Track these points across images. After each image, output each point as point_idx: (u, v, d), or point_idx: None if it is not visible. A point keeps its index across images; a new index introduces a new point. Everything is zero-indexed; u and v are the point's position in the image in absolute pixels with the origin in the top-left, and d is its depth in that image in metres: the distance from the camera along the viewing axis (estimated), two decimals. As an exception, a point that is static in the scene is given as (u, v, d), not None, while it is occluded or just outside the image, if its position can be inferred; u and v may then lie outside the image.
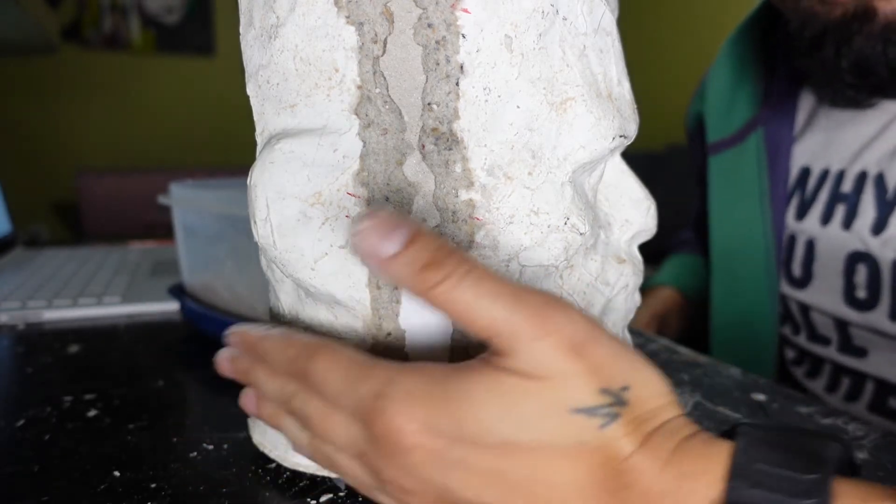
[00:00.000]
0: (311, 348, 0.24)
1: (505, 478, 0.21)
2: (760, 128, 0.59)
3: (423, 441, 0.21)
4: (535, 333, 0.21)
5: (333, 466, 0.25)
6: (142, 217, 1.66)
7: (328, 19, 0.25)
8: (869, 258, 0.50)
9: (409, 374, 0.22)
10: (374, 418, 0.22)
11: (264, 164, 0.26)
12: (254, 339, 0.27)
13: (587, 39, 0.26)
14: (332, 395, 0.23)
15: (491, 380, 0.21)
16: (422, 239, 0.21)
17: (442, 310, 0.21)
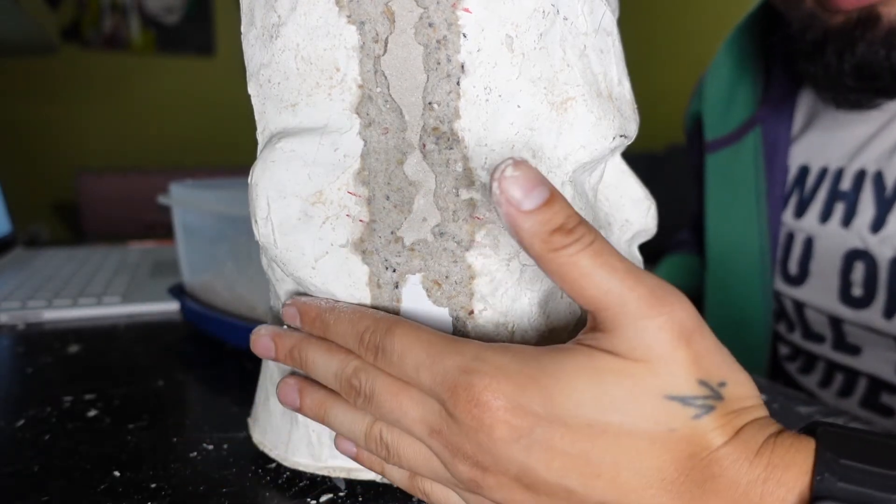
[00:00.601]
0: (388, 321, 0.24)
1: (588, 460, 0.21)
2: (758, 126, 0.59)
3: (509, 417, 0.21)
4: (646, 312, 0.21)
5: (395, 452, 0.25)
6: (142, 217, 1.66)
7: (329, 18, 0.25)
8: (867, 256, 0.50)
9: (499, 352, 0.22)
10: (459, 392, 0.21)
11: (265, 163, 0.26)
12: (319, 310, 0.26)
13: (588, 39, 0.26)
14: (411, 369, 0.23)
15: (586, 359, 0.21)
16: (558, 202, 0.21)
17: (557, 274, 0.21)
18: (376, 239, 0.26)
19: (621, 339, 0.21)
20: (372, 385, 0.24)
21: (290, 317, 0.27)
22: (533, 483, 0.21)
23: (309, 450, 0.29)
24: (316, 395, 0.27)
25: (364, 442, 0.26)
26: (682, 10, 2.47)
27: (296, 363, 0.27)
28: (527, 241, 0.21)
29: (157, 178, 1.80)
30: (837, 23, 0.45)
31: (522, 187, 0.20)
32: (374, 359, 0.24)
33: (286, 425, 0.30)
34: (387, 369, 0.24)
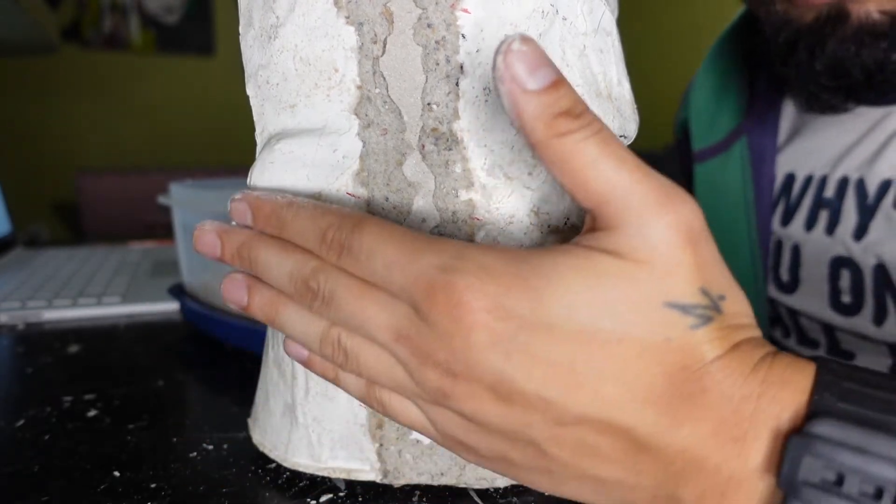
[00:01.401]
0: (355, 217, 0.22)
1: (572, 370, 0.19)
2: (744, 136, 0.59)
3: (490, 320, 0.19)
4: (654, 209, 0.19)
5: (353, 359, 0.23)
6: (142, 217, 1.66)
7: (328, 19, 0.25)
8: (852, 263, 0.50)
9: (484, 250, 0.20)
10: (437, 293, 0.20)
11: (264, 164, 0.26)
12: (274, 206, 0.24)
13: (587, 39, 0.26)
14: (381, 268, 0.21)
15: (582, 260, 0.20)
16: (564, 86, 0.19)
17: (558, 163, 0.19)
18: (375, 239, 0.26)
19: (625, 238, 0.19)
20: (333, 287, 0.22)
21: (239, 213, 0.25)
22: (508, 393, 0.20)
23: (309, 450, 0.29)
24: (266, 292, 0.24)
25: (319, 347, 0.24)
26: (681, 10, 2.47)
27: (244, 263, 0.24)
28: (528, 124, 0.19)
29: (157, 178, 1.80)
30: (808, 21, 0.45)
31: (529, 64, 0.19)
32: (338, 258, 0.22)
33: (286, 426, 0.30)
34: (351, 269, 0.22)
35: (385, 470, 0.29)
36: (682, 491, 0.20)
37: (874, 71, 0.44)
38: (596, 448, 0.20)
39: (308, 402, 0.29)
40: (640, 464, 0.20)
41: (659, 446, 0.20)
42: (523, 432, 0.21)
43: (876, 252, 0.48)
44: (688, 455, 0.20)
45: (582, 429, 0.20)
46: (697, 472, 0.20)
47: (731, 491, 0.20)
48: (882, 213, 0.48)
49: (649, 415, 0.19)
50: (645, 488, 0.21)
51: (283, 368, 0.30)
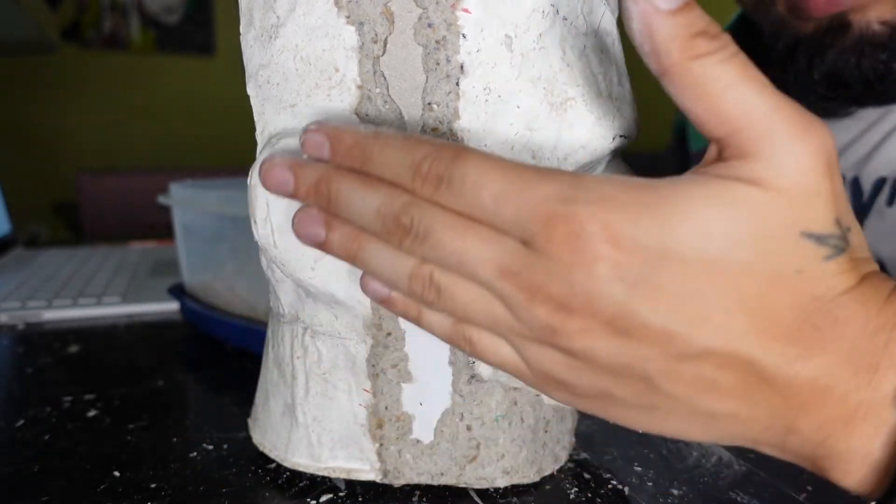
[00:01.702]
0: (453, 148, 0.20)
1: (702, 302, 0.19)
2: None
3: (614, 252, 0.18)
4: (799, 134, 0.18)
5: (448, 296, 0.22)
6: (142, 217, 1.66)
7: (328, 19, 0.25)
8: None
9: (604, 181, 0.19)
10: (556, 223, 0.19)
11: (264, 164, 0.26)
12: (357, 137, 0.22)
13: (587, 39, 0.26)
14: (489, 200, 0.20)
15: (715, 187, 0.19)
16: (698, 8, 0.18)
17: (694, 87, 0.19)
18: (376, 239, 0.26)
19: (767, 164, 0.18)
20: (429, 223, 0.20)
21: (315, 145, 0.22)
22: (629, 328, 0.19)
23: (308, 450, 0.29)
24: (347, 227, 0.22)
25: (407, 284, 0.22)
26: (682, 9, 2.47)
27: (321, 199, 0.22)
28: (662, 46, 0.18)
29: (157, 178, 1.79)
30: (808, 30, 0.45)
31: None
32: (434, 191, 0.20)
33: (286, 426, 0.30)
34: (450, 203, 0.20)
35: (385, 470, 0.29)
36: (802, 421, 0.20)
37: (874, 81, 0.44)
38: (713, 382, 0.20)
39: (308, 402, 0.29)
40: (759, 396, 0.20)
41: (784, 378, 0.19)
42: (637, 367, 0.20)
43: (871, 250, 0.48)
44: (815, 385, 0.19)
45: (703, 362, 0.19)
46: (822, 402, 0.19)
47: (858, 420, 0.19)
48: (876, 211, 0.48)
49: (776, 346, 0.19)
50: (758, 420, 0.20)
51: (283, 368, 0.30)
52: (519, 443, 0.28)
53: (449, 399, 0.28)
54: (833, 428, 0.20)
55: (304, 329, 0.29)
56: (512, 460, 0.28)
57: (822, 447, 0.20)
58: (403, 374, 0.28)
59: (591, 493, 0.29)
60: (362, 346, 0.27)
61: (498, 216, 0.20)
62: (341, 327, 0.27)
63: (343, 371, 0.28)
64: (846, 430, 0.20)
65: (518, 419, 0.28)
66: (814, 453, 0.20)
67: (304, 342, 0.29)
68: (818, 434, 0.20)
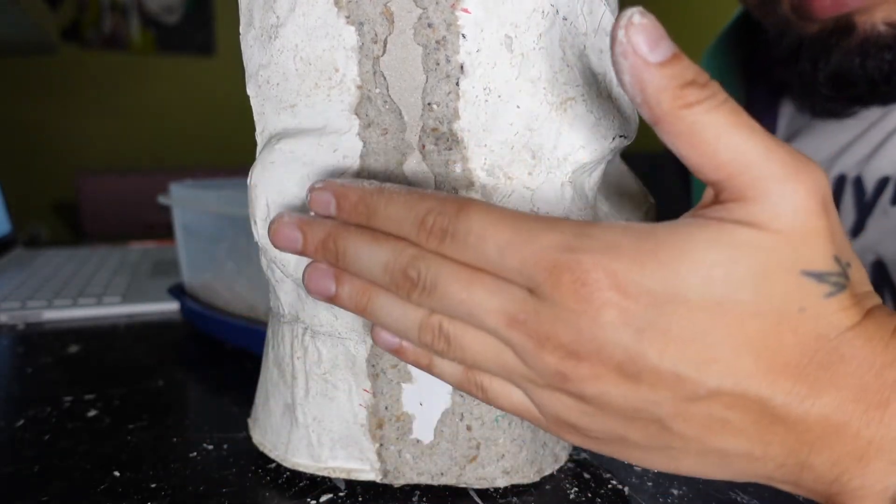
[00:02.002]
0: (457, 201, 0.21)
1: (708, 344, 0.19)
2: None
3: (620, 298, 0.19)
4: (792, 176, 0.19)
5: (457, 346, 0.22)
6: (142, 217, 1.66)
7: (328, 19, 0.25)
8: None
9: (606, 228, 0.20)
10: (561, 272, 0.19)
11: (264, 164, 0.26)
12: (362, 193, 0.22)
13: (587, 39, 0.26)
14: (493, 251, 0.20)
15: (714, 230, 0.19)
16: (685, 58, 0.19)
17: (686, 135, 0.19)
18: (376, 239, 0.26)
19: (763, 206, 0.19)
20: (435, 274, 0.21)
21: (321, 203, 0.23)
22: (638, 372, 0.19)
23: (309, 450, 0.29)
24: (357, 281, 0.23)
25: (417, 335, 0.22)
26: (681, 9, 2.47)
27: (329, 255, 0.23)
28: (653, 98, 0.19)
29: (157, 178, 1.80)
30: (812, 31, 0.45)
31: (650, 37, 0.19)
32: (440, 244, 0.21)
33: (286, 426, 0.30)
34: (456, 256, 0.21)
35: (385, 470, 0.29)
36: (815, 458, 0.20)
37: (879, 82, 0.44)
38: (725, 422, 0.20)
39: (308, 401, 0.29)
40: (771, 435, 0.20)
41: (795, 416, 0.19)
42: (648, 411, 0.20)
43: (874, 249, 0.48)
44: (827, 422, 0.19)
45: (713, 403, 0.20)
46: (835, 439, 0.20)
47: (871, 456, 0.19)
48: (879, 210, 0.48)
49: (786, 385, 0.19)
50: (773, 458, 0.20)
51: (283, 368, 0.30)
52: (519, 443, 0.29)
53: (449, 399, 0.28)
54: (847, 464, 0.20)
55: (304, 329, 0.29)
56: (512, 460, 0.28)
57: (836, 484, 0.20)
58: (403, 374, 0.28)
59: (591, 493, 0.29)
60: (362, 346, 0.28)
61: (503, 266, 0.20)
62: (341, 327, 0.28)
63: (343, 371, 0.28)
64: (860, 466, 0.20)
65: (518, 419, 0.28)
66: (828, 490, 0.20)
67: (304, 342, 0.29)
68: (832, 471, 0.20)
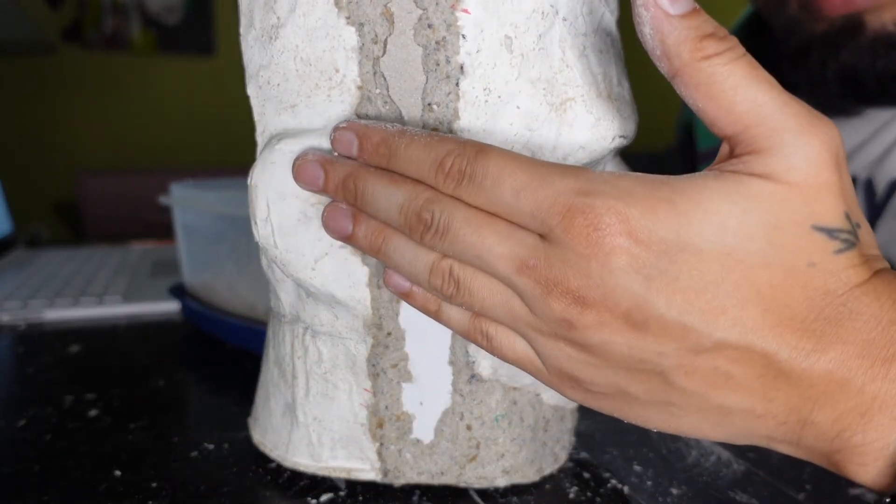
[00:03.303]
0: (476, 145, 0.21)
1: (716, 295, 0.19)
2: None
3: (631, 244, 0.19)
4: (807, 129, 0.19)
5: (466, 290, 0.22)
6: (142, 217, 1.66)
7: (328, 20, 0.25)
8: None
9: (622, 176, 0.20)
10: (575, 215, 0.19)
11: (265, 164, 0.26)
12: (385, 135, 0.23)
13: (587, 40, 0.26)
14: (509, 194, 0.20)
15: (729, 182, 0.19)
16: (704, 13, 0.19)
17: (704, 86, 0.19)
18: (376, 239, 0.26)
19: (777, 158, 0.19)
20: (448, 218, 0.21)
21: (344, 143, 0.24)
22: (645, 320, 0.19)
23: (309, 450, 0.29)
24: (373, 222, 0.23)
25: (427, 278, 0.23)
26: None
27: (349, 195, 0.23)
28: (673, 49, 0.19)
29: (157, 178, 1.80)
30: (821, 29, 0.45)
31: None
32: (456, 186, 0.21)
33: (286, 425, 0.30)
34: (470, 199, 0.21)
35: (385, 469, 0.29)
36: (818, 414, 0.20)
37: (888, 81, 0.44)
38: (728, 376, 0.20)
39: (308, 401, 0.29)
40: (775, 390, 0.20)
41: (799, 370, 0.19)
42: (652, 362, 0.20)
43: (884, 251, 0.48)
44: (831, 377, 0.19)
45: (718, 356, 0.20)
46: (838, 394, 0.20)
47: (874, 411, 0.19)
48: (890, 213, 0.48)
49: (791, 339, 0.19)
50: (774, 415, 0.20)
51: (283, 368, 0.30)
52: (519, 442, 0.29)
53: (449, 398, 0.28)
54: (849, 420, 0.20)
55: (305, 329, 0.29)
56: (512, 460, 0.28)
57: (838, 440, 0.20)
58: (403, 374, 0.28)
59: (590, 493, 0.29)
60: (362, 346, 0.28)
61: (517, 210, 0.20)
62: (341, 327, 0.28)
63: (343, 371, 0.28)
64: (862, 421, 0.20)
65: (518, 419, 0.28)
66: (830, 447, 0.20)
67: (304, 342, 0.29)
68: (834, 427, 0.20)
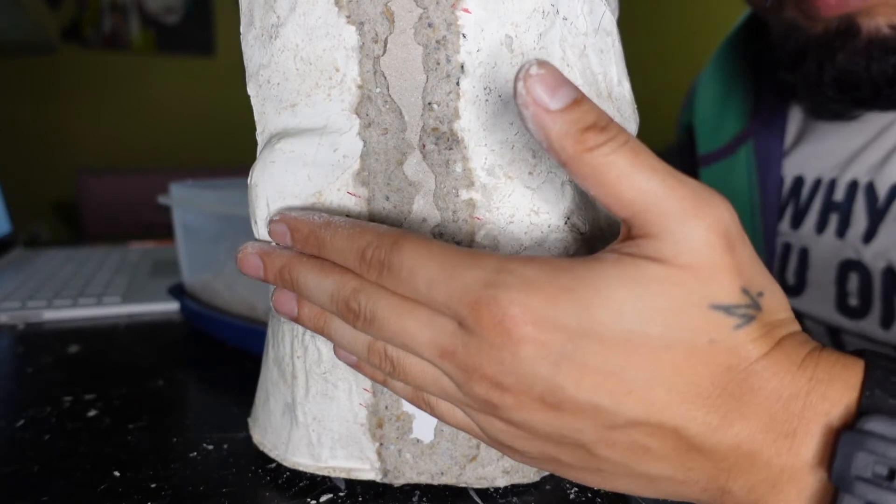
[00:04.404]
0: (393, 235, 0.22)
1: (622, 377, 0.20)
2: (750, 140, 0.59)
3: (537, 333, 0.20)
4: (693, 212, 0.20)
5: (400, 369, 0.23)
6: (142, 217, 1.66)
7: (329, 19, 0.25)
8: (861, 267, 0.50)
9: (525, 262, 0.20)
10: (482, 308, 0.20)
11: (265, 164, 0.26)
12: (312, 226, 0.24)
13: (587, 39, 0.26)
14: (423, 285, 0.21)
15: (626, 267, 0.20)
16: (586, 102, 0.20)
17: (591, 177, 0.20)
18: (376, 239, 0.26)
19: (667, 243, 0.20)
20: (373, 307, 0.22)
21: (279, 234, 0.25)
22: (559, 402, 0.20)
23: (309, 450, 0.29)
24: (314, 306, 0.25)
25: (366, 357, 0.24)
26: (681, 10, 2.47)
27: (286, 284, 0.25)
28: (557, 143, 0.20)
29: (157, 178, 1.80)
30: (817, 32, 0.45)
31: (548, 86, 0.19)
32: (378, 276, 0.22)
33: (286, 425, 0.30)
34: (392, 287, 0.22)
35: (385, 469, 0.29)
36: (733, 484, 0.21)
37: (883, 85, 0.44)
38: (646, 448, 0.21)
39: (308, 401, 0.29)
40: (691, 461, 0.21)
41: (709, 444, 0.20)
42: (573, 437, 0.21)
43: (886, 256, 0.48)
44: (740, 451, 0.20)
45: (633, 431, 0.20)
46: (749, 467, 0.20)
47: (783, 483, 0.20)
48: (892, 217, 0.48)
49: (698, 415, 0.20)
50: (696, 482, 0.21)
51: (283, 368, 0.30)
52: (519, 443, 0.29)
53: (449, 399, 0.28)
54: (763, 490, 0.21)
55: (304, 329, 0.29)
56: (512, 460, 0.28)
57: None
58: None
59: (591, 493, 0.29)
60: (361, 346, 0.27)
61: (432, 300, 0.21)
62: (341, 327, 0.27)
63: (343, 370, 0.28)
64: (774, 492, 0.20)
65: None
66: None
67: (304, 342, 0.29)
68: (750, 496, 0.21)
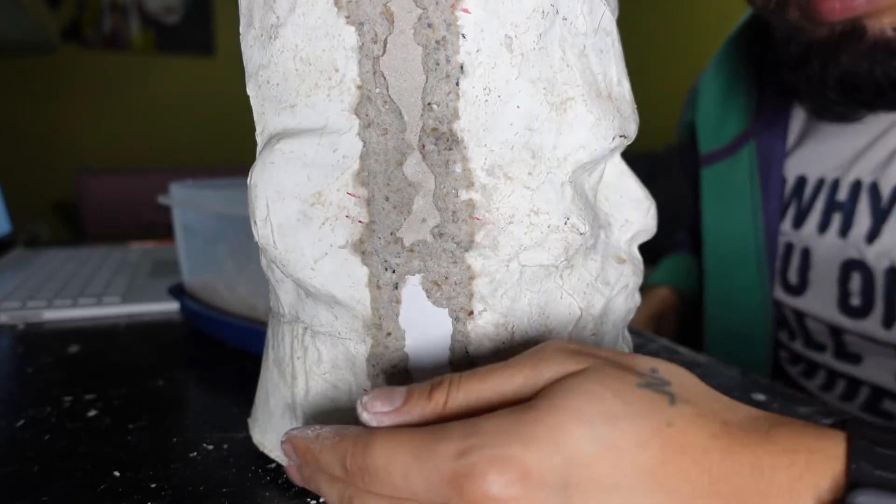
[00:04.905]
0: (365, 438, 0.23)
1: (620, 497, 0.20)
2: (753, 140, 0.59)
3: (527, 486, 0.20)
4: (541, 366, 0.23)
5: None
6: (142, 217, 1.66)
7: (328, 19, 0.25)
8: (863, 266, 0.50)
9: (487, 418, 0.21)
10: (461, 483, 0.20)
11: (264, 164, 0.26)
12: (306, 443, 0.25)
13: (587, 39, 0.26)
14: (400, 480, 0.22)
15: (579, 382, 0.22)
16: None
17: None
18: (376, 240, 0.26)
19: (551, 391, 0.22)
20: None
21: (289, 453, 0.27)
22: None
23: (308, 450, 0.29)
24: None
25: None
26: (681, 10, 2.47)
27: (313, 489, 0.26)
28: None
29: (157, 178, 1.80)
30: (821, 35, 0.45)
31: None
32: (363, 483, 0.23)
33: (286, 426, 0.30)
34: (378, 490, 0.23)
35: (385, 470, 0.29)
36: None
37: (886, 87, 0.44)
38: None
39: (308, 401, 0.29)
40: None
41: None
42: None
43: (889, 255, 0.48)
44: None
45: None
46: None
47: None
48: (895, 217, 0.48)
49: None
50: None
51: (283, 368, 0.30)
52: (519, 443, 0.28)
53: (449, 399, 0.28)
54: None
55: (304, 329, 0.29)
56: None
57: None
58: (403, 375, 0.28)
59: None
60: (362, 346, 0.28)
61: (413, 492, 0.21)
62: (341, 327, 0.28)
63: (343, 371, 0.28)
64: None
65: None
66: None
67: (304, 342, 0.29)
68: None
